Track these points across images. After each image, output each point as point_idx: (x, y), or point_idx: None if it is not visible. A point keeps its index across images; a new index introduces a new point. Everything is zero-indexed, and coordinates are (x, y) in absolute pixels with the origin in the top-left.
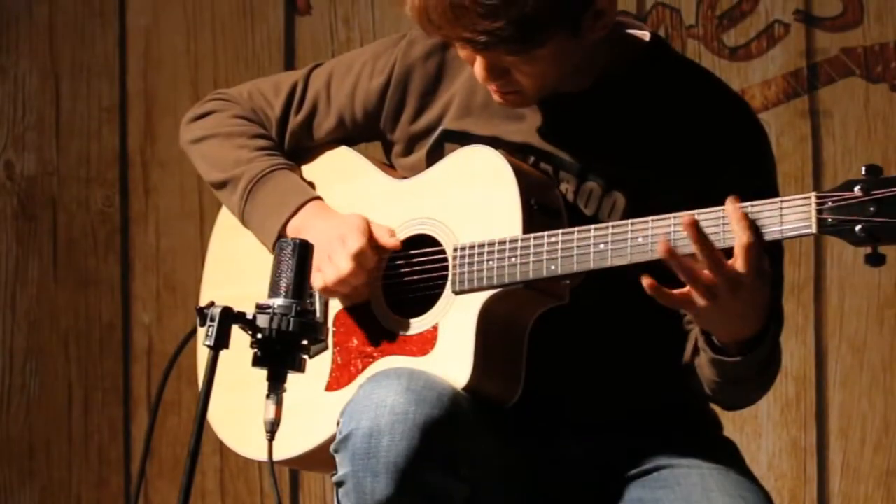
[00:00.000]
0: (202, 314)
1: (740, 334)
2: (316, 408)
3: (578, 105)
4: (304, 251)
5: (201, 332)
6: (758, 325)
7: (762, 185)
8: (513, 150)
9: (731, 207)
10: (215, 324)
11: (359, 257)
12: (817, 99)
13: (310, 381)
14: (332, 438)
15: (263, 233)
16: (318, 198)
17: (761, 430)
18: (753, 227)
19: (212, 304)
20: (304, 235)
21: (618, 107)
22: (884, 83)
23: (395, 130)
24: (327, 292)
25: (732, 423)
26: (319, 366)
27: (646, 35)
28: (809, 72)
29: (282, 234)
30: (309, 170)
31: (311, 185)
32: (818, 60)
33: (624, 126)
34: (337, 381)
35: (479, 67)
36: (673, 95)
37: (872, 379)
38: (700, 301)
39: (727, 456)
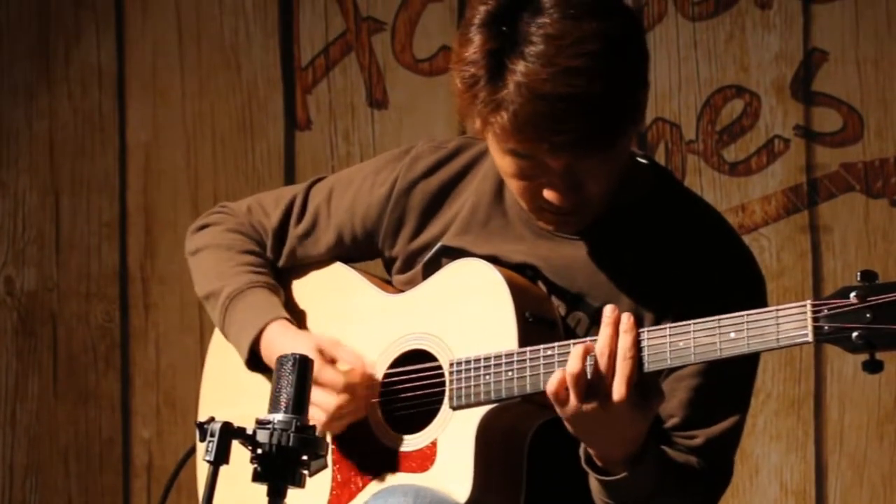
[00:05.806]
0: (202, 429)
1: (608, 455)
2: None
3: (580, 235)
4: (304, 366)
5: (201, 447)
6: (619, 452)
7: None
8: (510, 268)
9: (627, 324)
10: (215, 439)
11: (347, 388)
12: (817, 214)
13: (310, 499)
14: None
15: (239, 350)
16: (285, 317)
17: None
18: (636, 355)
19: (212, 419)
20: (271, 354)
21: (616, 244)
22: (884, 198)
23: (395, 247)
24: (329, 429)
25: None
26: (319, 484)
27: (643, 160)
28: (809, 187)
29: (253, 352)
30: (302, 285)
31: (304, 301)
32: (818, 176)
33: (617, 264)
34: (338, 498)
35: (558, 184)
36: (671, 238)
37: (873, 494)
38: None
39: None
